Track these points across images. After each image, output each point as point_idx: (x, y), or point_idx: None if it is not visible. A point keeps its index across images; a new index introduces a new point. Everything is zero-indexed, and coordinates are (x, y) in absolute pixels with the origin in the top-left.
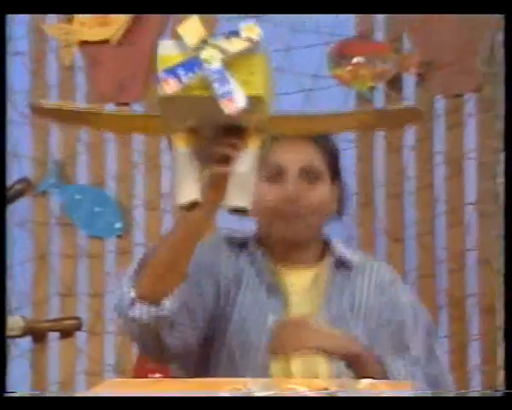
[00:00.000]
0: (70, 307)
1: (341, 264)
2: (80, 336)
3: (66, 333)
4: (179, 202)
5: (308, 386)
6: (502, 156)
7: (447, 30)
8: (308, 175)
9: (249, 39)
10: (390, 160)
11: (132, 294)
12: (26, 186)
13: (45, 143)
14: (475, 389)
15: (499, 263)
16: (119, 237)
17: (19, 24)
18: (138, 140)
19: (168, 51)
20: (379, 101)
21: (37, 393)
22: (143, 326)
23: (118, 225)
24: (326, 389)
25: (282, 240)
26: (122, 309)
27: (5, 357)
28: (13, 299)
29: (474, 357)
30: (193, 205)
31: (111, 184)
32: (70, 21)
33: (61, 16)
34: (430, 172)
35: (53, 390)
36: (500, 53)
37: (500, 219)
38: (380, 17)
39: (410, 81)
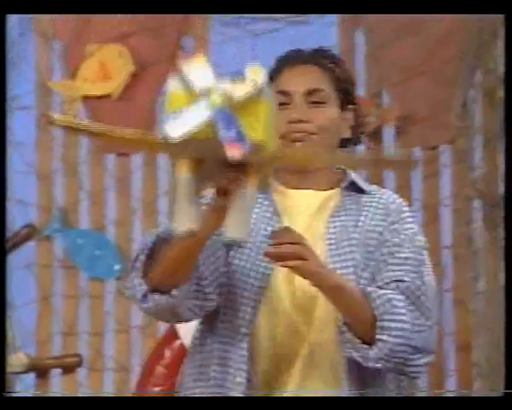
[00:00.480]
0: (71, 345)
1: (353, 189)
2: (81, 372)
3: (68, 369)
4: (176, 230)
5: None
6: (475, 204)
7: (423, 86)
8: (313, 97)
9: (254, 84)
10: None
11: (144, 287)
12: (32, 231)
13: (49, 191)
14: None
15: (473, 303)
16: (118, 278)
17: (26, 81)
18: (136, 188)
19: (177, 90)
20: (361, 151)
21: (36, 393)
22: (157, 309)
23: (117, 267)
24: None
25: (292, 165)
26: (136, 300)
27: (5, 357)
28: (17, 338)
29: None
30: (189, 234)
31: (111, 229)
32: (74, 77)
33: (65, 73)
34: None
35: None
36: (472, 108)
37: (473, 261)
38: (361, 74)
39: (389, 133)
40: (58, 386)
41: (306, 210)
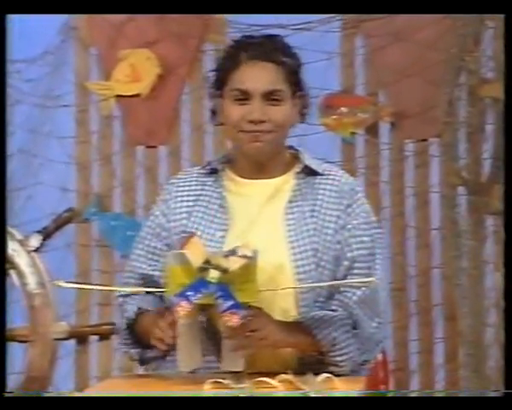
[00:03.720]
0: (107, 314)
1: (307, 172)
2: (115, 339)
3: (104, 336)
4: (181, 368)
5: (277, 380)
6: (459, 190)
7: (414, 86)
8: (272, 96)
9: (245, 256)
10: (369, 192)
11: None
12: (72, 214)
13: (87, 179)
14: (440, 385)
15: (458, 278)
16: None
17: (66, 83)
18: (163, 176)
19: (177, 265)
20: (360, 144)
21: (36, 393)
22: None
23: None
24: (291, 382)
25: (247, 157)
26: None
27: (5, 357)
28: (60, 308)
29: (439, 357)
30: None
31: (140, 213)
32: (108, 79)
33: (101, 75)
34: (402, 202)
35: (92, 383)
36: (457, 105)
37: (458, 241)
38: (360, 75)
39: (384, 128)
40: (95, 351)
41: (260, 199)
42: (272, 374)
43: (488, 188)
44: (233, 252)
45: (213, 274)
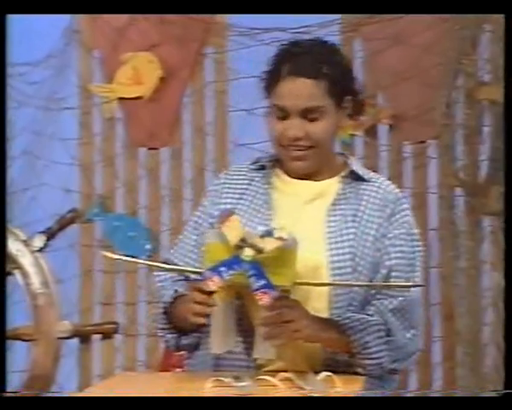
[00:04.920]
0: (109, 313)
1: (353, 177)
2: (117, 338)
3: (106, 335)
4: (213, 350)
5: (278, 378)
6: (457, 191)
7: (412, 89)
8: (311, 114)
9: (281, 239)
10: None
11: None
12: (75, 215)
13: (90, 180)
14: (437, 386)
15: (455, 278)
16: (149, 256)
17: (70, 85)
18: (165, 177)
19: (216, 242)
20: (359, 145)
21: (36, 393)
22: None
23: (148, 247)
24: (291, 380)
25: (290, 170)
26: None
27: (5, 357)
28: (63, 307)
29: (436, 355)
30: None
31: (142, 213)
32: (111, 81)
33: (104, 78)
34: None
35: (95, 382)
36: (454, 107)
37: (455, 242)
38: (359, 77)
39: (383, 130)
40: (98, 350)
41: (305, 198)
42: (298, 371)
43: (485, 189)
44: (269, 233)
45: (248, 252)
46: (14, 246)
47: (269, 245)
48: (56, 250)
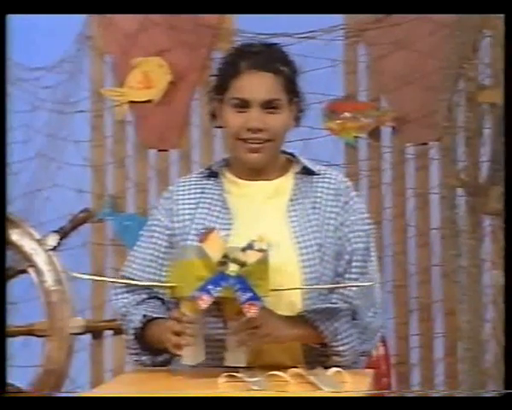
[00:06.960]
0: None
1: (305, 172)
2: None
3: (118, 331)
4: (185, 362)
5: (289, 374)
6: (458, 192)
7: (415, 93)
8: (270, 105)
9: (261, 250)
10: (371, 194)
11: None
12: (87, 215)
13: (102, 180)
14: (439, 382)
15: (457, 276)
16: None
17: (82, 89)
18: (174, 178)
19: (199, 259)
20: (362, 147)
21: (36, 393)
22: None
23: None
24: (302, 376)
25: (245, 165)
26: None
27: (5, 357)
28: (76, 304)
29: (438, 351)
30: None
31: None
32: (122, 85)
33: (115, 82)
34: (403, 203)
35: (107, 377)
36: (456, 110)
37: (457, 241)
38: (363, 82)
39: (386, 132)
40: (109, 345)
41: (261, 198)
42: (282, 367)
43: (486, 189)
44: (250, 246)
45: (232, 268)
46: (28, 245)
47: (251, 258)
48: (69, 249)
